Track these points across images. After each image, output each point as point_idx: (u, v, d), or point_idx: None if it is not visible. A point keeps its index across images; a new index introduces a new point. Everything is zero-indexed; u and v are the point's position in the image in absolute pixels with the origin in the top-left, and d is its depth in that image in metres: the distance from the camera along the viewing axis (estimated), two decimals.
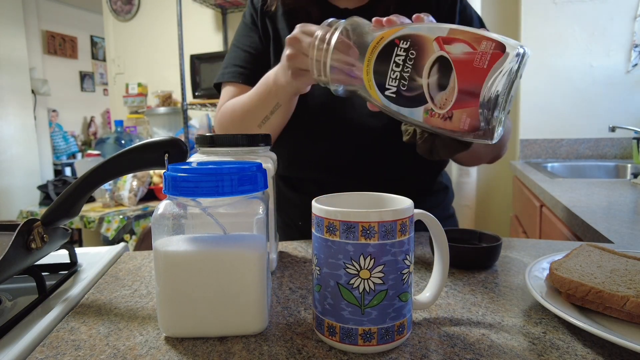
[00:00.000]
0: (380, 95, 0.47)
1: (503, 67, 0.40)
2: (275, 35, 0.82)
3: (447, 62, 0.42)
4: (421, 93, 0.44)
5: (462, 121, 0.43)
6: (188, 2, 2.58)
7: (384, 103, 0.47)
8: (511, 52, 0.40)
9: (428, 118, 0.45)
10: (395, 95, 0.46)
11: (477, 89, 0.41)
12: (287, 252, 0.65)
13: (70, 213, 0.50)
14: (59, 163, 4.43)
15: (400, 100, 0.45)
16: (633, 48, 2.00)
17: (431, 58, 0.43)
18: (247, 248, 0.39)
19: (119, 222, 2.08)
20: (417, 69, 0.44)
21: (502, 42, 0.41)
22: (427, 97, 0.44)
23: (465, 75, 0.41)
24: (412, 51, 0.44)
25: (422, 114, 0.45)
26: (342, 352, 0.37)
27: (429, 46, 0.43)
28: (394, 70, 0.45)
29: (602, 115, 2.05)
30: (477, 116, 0.42)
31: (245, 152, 0.53)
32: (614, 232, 0.75)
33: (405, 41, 0.44)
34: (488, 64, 0.40)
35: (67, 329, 0.42)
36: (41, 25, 4.50)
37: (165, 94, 3.00)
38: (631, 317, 0.38)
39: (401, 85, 0.45)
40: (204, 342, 0.39)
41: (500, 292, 0.49)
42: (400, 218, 0.35)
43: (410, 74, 0.44)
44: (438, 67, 0.43)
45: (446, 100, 0.43)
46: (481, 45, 0.41)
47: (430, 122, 0.45)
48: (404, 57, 0.44)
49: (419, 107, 0.45)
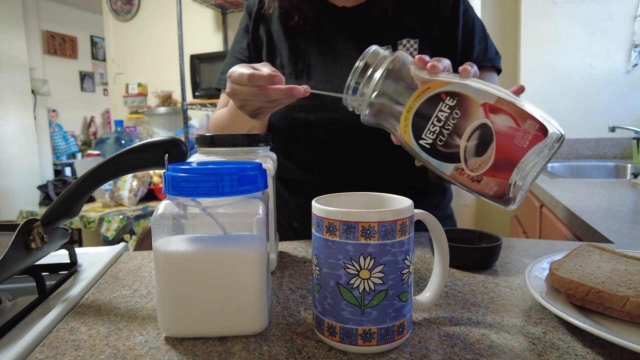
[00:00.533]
0: (413, 141, 0.46)
1: (542, 150, 0.41)
2: (268, 38, 0.82)
3: (489, 131, 0.42)
4: (456, 152, 0.44)
5: (490, 187, 0.43)
6: (188, 2, 2.58)
7: (415, 148, 0.46)
8: (552, 137, 0.41)
9: (456, 175, 0.45)
10: (429, 147, 0.45)
11: (512, 165, 0.42)
12: (287, 252, 0.65)
13: (70, 213, 0.50)
14: (59, 163, 4.43)
15: (433, 152, 0.45)
16: (633, 48, 2.00)
17: (475, 123, 0.43)
18: (247, 248, 0.39)
19: (119, 222, 2.08)
20: (458, 129, 0.43)
21: (545, 125, 0.41)
22: (461, 158, 0.44)
23: (504, 149, 0.42)
24: (457, 110, 0.43)
25: (452, 169, 0.45)
26: (342, 352, 0.37)
27: (475, 110, 0.43)
28: (434, 124, 0.44)
29: (602, 115, 2.05)
30: (505, 187, 0.43)
31: (245, 152, 0.53)
32: (614, 232, 0.75)
33: (452, 98, 0.44)
34: (529, 144, 0.41)
35: (67, 329, 0.42)
36: (41, 25, 4.50)
37: (165, 94, 3.00)
38: (631, 317, 0.38)
39: (438, 140, 0.44)
40: (204, 342, 0.39)
41: (500, 292, 0.49)
42: (400, 218, 0.35)
43: (450, 133, 0.44)
44: (479, 133, 0.43)
45: (479, 166, 0.43)
46: (525, 123, 0.41)
47: (456, 178, 0.45)
48: (448, 115, 0.44)
49: (450, 164, 0.45)
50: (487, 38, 0.80)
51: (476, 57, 0.77)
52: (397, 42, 0.76)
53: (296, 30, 0.80)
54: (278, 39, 0.81)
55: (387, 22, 0.77)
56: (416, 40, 0.76)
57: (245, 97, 0.59)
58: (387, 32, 0.77)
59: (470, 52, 0.77)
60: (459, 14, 0.77)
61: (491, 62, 0.79)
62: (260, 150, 0.55)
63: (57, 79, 4.71)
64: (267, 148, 0.56)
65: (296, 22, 0.80)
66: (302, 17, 0.79)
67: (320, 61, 0.78)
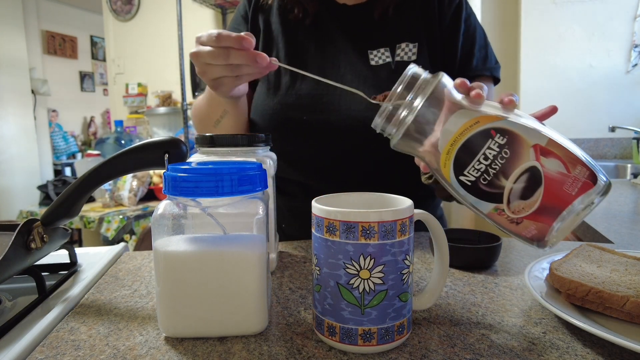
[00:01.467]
0: (452, 176, 0.43)
1: (589, 198, 0.39)
2: (266, 29, 0.81)
3: (538, 174, 0.40)
4: (499, 193, 0.41)
5: (528, 230, 0.41)
6: (188, 2, 2.58)
7: (452, 183, 0.43)
8: (600, 185, 0.39)
9: (494, 214, 0.42)
10: (470, 185, 0.42)
11: (558, 211, 0.40)
12: (287, 252, 0.65)
13: (70, 213, 0.50)
14: (59, 163, 4.43)
15: (474, 190, 0.42)
16: (633, 48, 2.00)
17: (524, 165, 0.40)
18: (247, 248, 0.39)
19: (119, 222, 2.08)
20: (505, 170, 0.41)
21: (595, 172, 0.40)
22: (505, 200, 0.41)
23: (551, 195, 0.40)
24: (507, 150, 0.40)
25: (490, 209, 0.42)
26: (342, 352, 0.37)
27: (525, 151, 0.40)
28: (480, 162, 0.41)
29: (602, 115, 2.05)
30: (545, 232, 0.41)
31: (245, 152, 0.53)
32: (614, 232, 0.75)
33: (502, 136, 0.40)
34: (577, 191, 0.39)
35: (67, 329, 0.42)
36: (41, 25, 4.50)
37: (165, 94, 3.01)
38: (631, 317, 0.38)
39: (482, 178, 0.41)
40: (204, 342, 0.39)
41: (500, 292, 0.49)
42: (400, 218, 0.35)
43: (497, 173, 0.41)
44: (527, 176, 0.40)
45: (522, 209, 0.41)
46: (575, 170, 0.40)
47: (494, 218, 0.43)
48: (496, 154, 0.41)
49: (490, 204, 0.42)
50: (487, 46, 0.79)
51: (475, 65, 0.77)
52: (395, 45, 0.75)
53: (295, 25, 0.79)
54: (276, 30, 0.80)
55: (387, 23, 0.77)
56: (415, 44, 0.75)
57: (205, 60, 0.56)
58: (386, 34, 0.76)
59: (470, 59, 0.77)
60: (460, 19, 0.76)
61: (490, 71, 0.78)
62: (260, 150, 0.55)
63: (57, 79, 4.71)
64: (267, 148, 0.56)
65: (296, 16, 0.78)
66: (302, 10, 0.78)
67: (317, 58, 0.77)
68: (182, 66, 2.49)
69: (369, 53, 0.76)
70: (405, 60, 0.75)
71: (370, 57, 0.75)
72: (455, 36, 0.76)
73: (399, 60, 0.75)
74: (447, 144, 0.42)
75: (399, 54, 0.75)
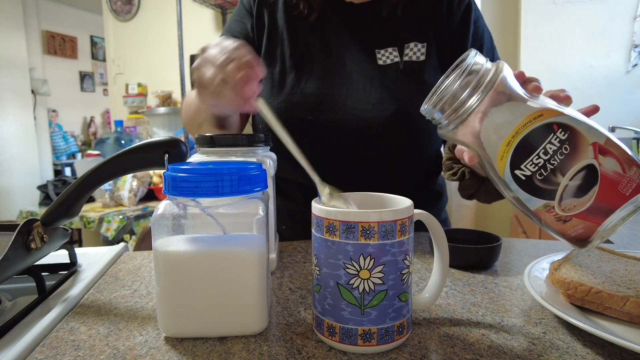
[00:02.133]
0: (507, 170, 0.41)
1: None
2: (271, 24, 0.79)
3: (594, 172, 0.39)
4: (554, 190, 0.40)
5: (575, 229, 0.41)
6: (188, 2, 2.58)
7: (505, 177, 0.42)
8: None
9: (542, 211, 0.41)
10: (525, 179, 0.41)
11: (608, 212, 0.39)
12: (287, 252, 0.65)
13: (70, 213, 0.50)
14: (59, 163, 4.43)
15: (527, 185, 0.41)
16: (633, 48, 2.00)
17: (582, 162, 0.39)
18: (247, 248, 0.39)
19: (119, 222, 2.08)
20: (563, 166, 0.40)
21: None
22: (557, 197, 0.40)
23: (606, 194, 0.39)
24: (567, 146, 0.39)
25: (540, 205, 0.41)
26: (342, 352, 0.37)
27: (584, 148, 0.39)
28: (540, 156, 0.40)
29: (602, 115, 2.04)
30: (592, 232, 0.40)
31: (245, 152, 0.53)
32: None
33: (563, 131, 0.39)
34: (631, 192, 0.39)
35: (66, 329, 0.42)
36: (41, 26, 4.50)
37: (165, 94, 3.01)
38: (631, 317, 0.38)
39: (538, 173, 0.40)
40: (204, 342, 0.39)
41: (500, 292, 0.49)
42: (400, 218, 0.35)
43: (554, 169, 0.40)
44: (584, 174, 0.39)
45: (573, 207, 0.40)
46: (631, 170, 0.39)
47: (540, 215, 0.42)
48: (556, 149, 0.39)
49: (541, 200, 0.41)
50: (494, 50, 0.79)
51: None
52: (404, 45, 0.74)
53: (300, 21, 0.78)
54: (281, 26, 0.79)
55: (396, 22, 0.75)
56: (424, 44, 0.74)
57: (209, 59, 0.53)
58: (394, 33, 0.75)
59: None
60: (470, 21, 0.76)
61: None
62: (260, 150, 0.55)
63: (57, 79, 4.71)
64: (267, 148, 0.56)
65: (301, 11, 0.77)
66: (307, 6, 0.77)
67: (322, 56, 0.76)
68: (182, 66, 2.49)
69: (376, 52, 0.74)
70: (413, 60, 0.73)
71: (377, 56, 0.74)
72: (465, 38, 0.75)
73: (407, 60, 0.74)
74: (509, 135, 0.40)
75: (407, 53, 0.74)
